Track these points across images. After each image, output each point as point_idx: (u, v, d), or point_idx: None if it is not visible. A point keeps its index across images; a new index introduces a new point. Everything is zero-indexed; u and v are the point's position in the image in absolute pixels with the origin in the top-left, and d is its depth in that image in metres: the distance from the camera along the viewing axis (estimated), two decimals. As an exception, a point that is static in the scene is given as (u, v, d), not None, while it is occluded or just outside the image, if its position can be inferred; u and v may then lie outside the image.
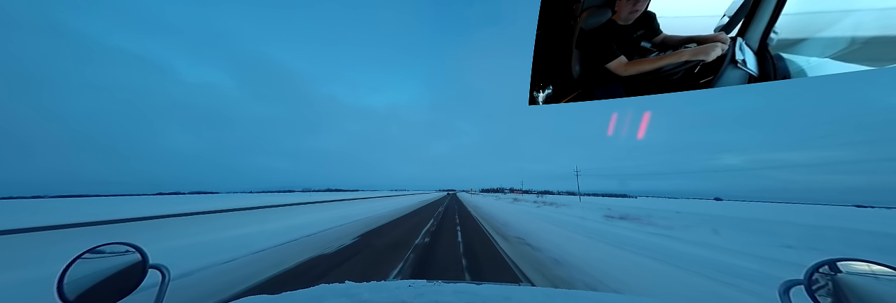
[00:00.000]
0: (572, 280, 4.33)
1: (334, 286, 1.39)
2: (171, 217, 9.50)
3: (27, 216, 10.93)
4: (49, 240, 6.06)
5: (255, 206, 14.61)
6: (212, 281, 4.17)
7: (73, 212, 13.05)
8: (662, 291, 4.06)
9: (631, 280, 4.39)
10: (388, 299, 1.15)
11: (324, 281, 1.58)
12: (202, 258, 5.27)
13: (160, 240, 6.90)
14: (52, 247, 5.79)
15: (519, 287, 1.44)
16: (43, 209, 16.33)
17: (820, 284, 0.82)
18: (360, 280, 1.52)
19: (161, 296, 0.96)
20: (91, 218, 8.28)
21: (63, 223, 6.99)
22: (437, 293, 1.22)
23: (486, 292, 1.26)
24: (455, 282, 1.51)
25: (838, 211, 34.12)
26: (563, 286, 3.96)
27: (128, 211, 12.46)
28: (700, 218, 13.69)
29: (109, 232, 7.32)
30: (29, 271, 4.45)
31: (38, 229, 6.25)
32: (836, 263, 0.83)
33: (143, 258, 1.00)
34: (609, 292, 3.86)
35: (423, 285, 1.39)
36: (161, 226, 8.53)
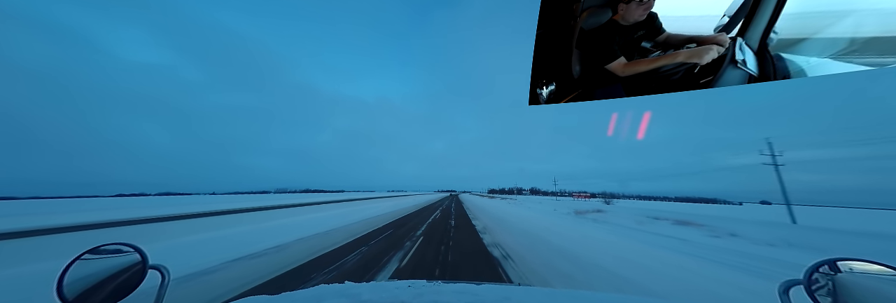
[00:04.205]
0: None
1: (334, 286, 1.39)
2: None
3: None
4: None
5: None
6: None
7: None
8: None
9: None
10: (388, 299, 1.15)
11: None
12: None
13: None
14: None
15: (519, 287, 1.44)
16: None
17: (820, 284, 0.82)
18: (360, 280, 1.51)
19: (161, 296, 0.96)
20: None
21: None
22: (436, 293, 1.22)
23: (486, 292, 1.26)
24: (455, 282, 1.51)
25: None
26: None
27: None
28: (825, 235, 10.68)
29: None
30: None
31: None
32: (836, 262, 0.83)
33: (142, 259, 1.00)
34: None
35: (422, 285, 1.39)
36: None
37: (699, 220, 15.39)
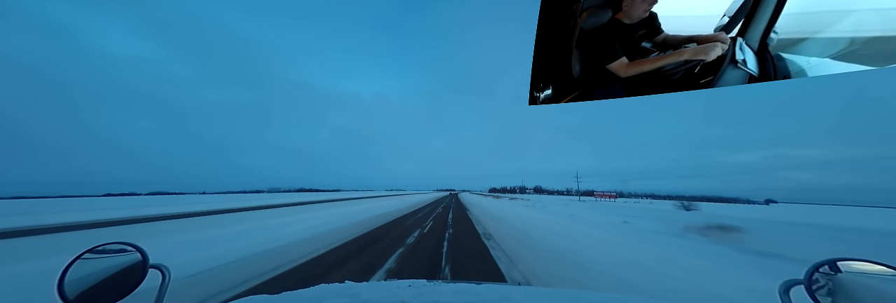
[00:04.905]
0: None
1: (334, 286, 1.39)
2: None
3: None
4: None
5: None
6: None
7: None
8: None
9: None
10: (388, 299, 1.15)
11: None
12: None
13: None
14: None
15: (519, 287, 1.44)
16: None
17: (820, 283, 0.82)
18: (360, 280, 1.52)
19: (161, 296, 0.96)
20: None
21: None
22: (437, 293, 1.22)
23: (486, 291, 1.26)
24: (455, 282, 1.51)
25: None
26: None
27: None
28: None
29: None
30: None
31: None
32: (837, 262, 0.83)
33: (143, 258, 1.00)
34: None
35: (423, 284, 1.39)
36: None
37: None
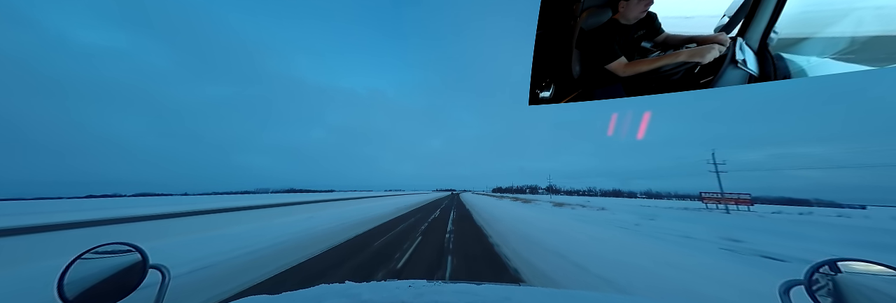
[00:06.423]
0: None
1: (334, 286, 1.39)
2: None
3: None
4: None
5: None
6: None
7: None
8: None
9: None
10: (388, 299, 1.15)
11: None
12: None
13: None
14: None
15: (519, 287, 1.44)
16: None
17: (820, 284, 0.82)
18: (360, 280, 1.52)
19: (161, 296, 0.96)
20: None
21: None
22: (437, 293, 1.22)
23: (486, 292, 1.26)
24: (455, 282, 1.51)
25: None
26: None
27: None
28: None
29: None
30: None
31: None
32: (837, 263, 0.83)
33: (143, 258, 1.00)
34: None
35: (423, 285, 1.39)
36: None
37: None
